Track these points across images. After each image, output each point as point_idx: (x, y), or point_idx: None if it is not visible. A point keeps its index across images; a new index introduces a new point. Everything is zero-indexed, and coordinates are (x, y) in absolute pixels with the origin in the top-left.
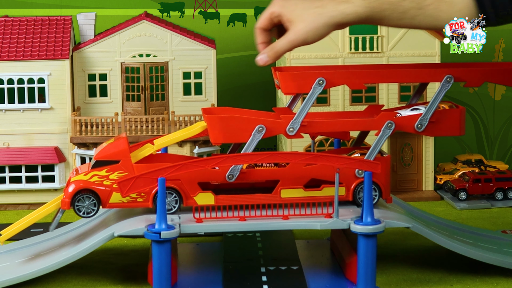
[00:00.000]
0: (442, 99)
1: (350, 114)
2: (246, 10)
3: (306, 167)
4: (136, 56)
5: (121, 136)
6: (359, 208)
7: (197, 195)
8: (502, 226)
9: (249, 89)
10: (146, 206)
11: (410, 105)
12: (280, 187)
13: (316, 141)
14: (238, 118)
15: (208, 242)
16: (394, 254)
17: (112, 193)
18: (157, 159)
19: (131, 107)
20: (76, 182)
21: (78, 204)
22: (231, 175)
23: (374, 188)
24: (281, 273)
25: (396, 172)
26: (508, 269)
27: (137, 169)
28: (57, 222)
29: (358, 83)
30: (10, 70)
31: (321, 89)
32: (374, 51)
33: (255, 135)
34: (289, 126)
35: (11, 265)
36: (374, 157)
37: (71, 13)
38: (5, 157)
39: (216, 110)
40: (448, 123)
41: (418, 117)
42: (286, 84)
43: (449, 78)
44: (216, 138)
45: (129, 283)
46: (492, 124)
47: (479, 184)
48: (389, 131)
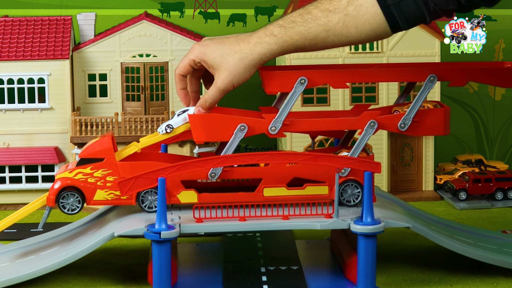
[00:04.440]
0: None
1: (336, 114)
2: (246, 10)
3: (289, 166)
4: (136, 56)
5: (106, 134)
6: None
7: (180, 193)
8: (502, 226)
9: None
10: (130, 203)
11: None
12: (263, 185)
13: (316, 141)
14: (220, 116)
15: (208, 242)
16: (394, 254)
17: (96, 190)
18: (141, 158)
19: (131, 107)
20: (61, 180)
21: (63, 201)
22: (213, 173)
23: (356, 186)
24: (281, 273)
25: (396, 172)
26: (508, 269)
27: (121, 167)
28: (45, 219)
29: (340, 82)
30: (10, 70)
31: (303, 88)
32: (374, 51)
33: (237, 134)
34: (271, 125)
35: (11, 265)
36: (358, 155)
37: (71, 13)
38: (5, 157)
39: None
40: (432, 122)
41: (402, 116)
42: (269, 83)
43: (432, 78)
44: (198, 137)
45: (129, 283)
46: (492, 124)
47: (479, 184)
48: (372, 130)
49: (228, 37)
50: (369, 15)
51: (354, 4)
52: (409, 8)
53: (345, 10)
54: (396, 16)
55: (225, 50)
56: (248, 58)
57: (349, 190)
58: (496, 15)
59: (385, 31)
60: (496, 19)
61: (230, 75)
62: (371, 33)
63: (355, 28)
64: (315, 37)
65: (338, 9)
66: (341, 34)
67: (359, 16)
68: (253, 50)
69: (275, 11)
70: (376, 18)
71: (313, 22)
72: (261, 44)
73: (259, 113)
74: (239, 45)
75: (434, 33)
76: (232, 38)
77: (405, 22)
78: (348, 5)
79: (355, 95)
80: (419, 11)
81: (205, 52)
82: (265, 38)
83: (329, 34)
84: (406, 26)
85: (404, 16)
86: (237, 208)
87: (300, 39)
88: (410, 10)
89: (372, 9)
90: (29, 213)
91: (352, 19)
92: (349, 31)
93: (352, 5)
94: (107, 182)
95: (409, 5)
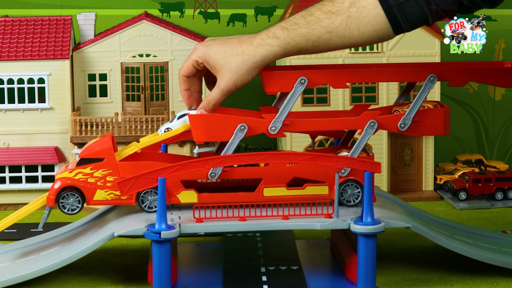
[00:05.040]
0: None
1: (336, 114)
2: (246, 10)
3: (289, 166)
4: (136, 56)
5: (106, 134)
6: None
7: (180, 193)
8: (502, 226)
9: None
10: (130, 203)
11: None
12: (262, 185)
13: (316, 141)
14: (220, 116)
15: (208, 242)
16: (394, 254)
17: (96, 190)
18: (141, 158)
19: (131, 107)
20: (61, 180)
21: (63, 201)
22: (213, 173)
23: (356, 186)
24: (281, 273)
25: (396, 172)
26: (508, 269)
27: (121, 167)
28: (45, 219)
29: (340, 82)
30: (10, 70)
31: (303, 88)
32: (374, 51)
33: (237, 134)
34: (271, 125)
35: (11, 265)
36: (358, 155)
37: (71, 13)
38: (5, 157)
39: None
40: (432, 122)
41: (402, 116)
42: (269, 83)
43: (432, 78)
44: (199, 137)
45: (129, 283)
46: (492, 124)
47: (479, 184)
48: (372, 130)
49: (231, 38)
50: (372, 16)
51: (357, 6)
52: (412, 9)
53: (347, 12)
54: (399, 17)
55: (227, 51)
56: (251, 60)
57: (349, 190)
58: (496, 15)
59: (387, 32)
60: (496, 19)
61: (233, 76)
62: (374, 35)
63: (358, 29)
64: (318, 39)
65: (340, 10)
66: (344, 36)
67: (361, 17)
68: (256, 52)
69: (275, 11)
70: (379, 19)
71: (315, 24)
72: (263, 46)
73: (259, 113)
74: (241, 46)
75: (434, 33)
76: (235, 39)
77: (407, 23)
78: (351, 7)
79: (355, 95)
80: (422, 12)
81: (208, 53)
82: (267, 40)
83: (331, 36)
84: (408, 28)
85: (406, 17)
86: (237, 208)
87: (303, 41)
88: (412, 11)
89: (375, 11)
90: (29, 213)
91: (355, 21)
92: (351, 33)
93: (354, 7)
94: (107, 182)
95: (411, 7)
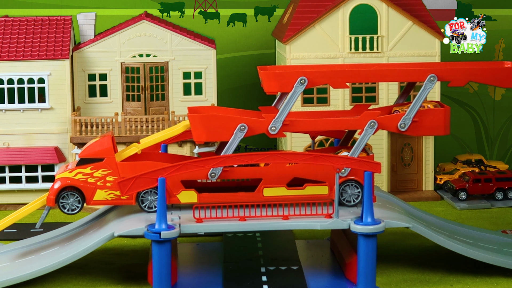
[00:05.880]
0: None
1: (336, 114)
2: (246, 10)
3: (289, 166)
4: (136, 56)
5: (106, 134)
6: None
7: (180, 193)
8: (502, 226)
9: (249, 89)
10: (130, 203)
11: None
12: (263, 185)
13: (316, 141)
14: (220, 117)
15: (208, 242)
16: (394, 254)
17: (96, 190)
18: (141, 158)
19: (131, 107)
20: (61, 180)
21: (63, 201)
22: (213, 173)
23: (356, 186)
24: (281, 273)
25: (396, 172)
26: (508, 269)
27: (121, 168)
28: (43, 219)
29: (340, 83)
30: (10, 70)
31: (303, 88)
32: (374, 51)
33: (237, 134)
34: (271, 125)
35: (11, 265)
36: (358, 155)
37: (71, 13)
38: (5, 157)
39: (202, 109)
40: (432, 122)
41: (402, 116)
42: (269, 83)
43: (433, 78)
44: (199, 137)
45: (129, 283)
46: (492, 124)
47: (479, 184)
48: (372, 130)
49: None
50: None
51: None
52: None
53: None
54: None
55: None
56: None
57: (349, 190)
58: (496, 15)
59: None
60: (496, 19)
61: None
62: None
63: None
64: None
65: None
66: None
67: None
68: None
69: (275, 11)
70: None
71: None
72: None
73: (259, 113)
74: None
75: (434, 33)
76: None
77: None
78: None
79: (355, 95)
80: None
81: None
82: None
83: None
84: None
85: None
86: (237, 208)
87: None
88: None
89: None
90: (29, 213)
91: None
92: None
93: None
94: (107, 182)
95: None
